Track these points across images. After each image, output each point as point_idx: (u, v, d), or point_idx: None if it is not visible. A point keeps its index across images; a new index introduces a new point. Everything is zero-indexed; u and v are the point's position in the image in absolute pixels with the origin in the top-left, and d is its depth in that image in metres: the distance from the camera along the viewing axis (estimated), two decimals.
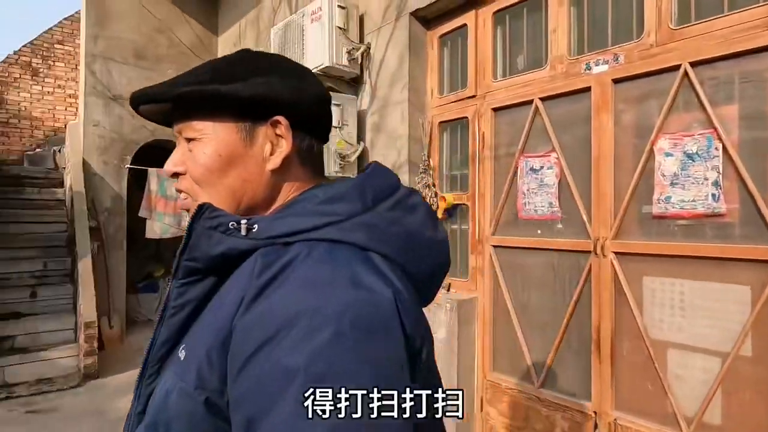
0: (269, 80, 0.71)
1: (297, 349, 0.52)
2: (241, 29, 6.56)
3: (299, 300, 0.55)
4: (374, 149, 4.07)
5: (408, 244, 0.67)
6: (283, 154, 0.71)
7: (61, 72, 7.77)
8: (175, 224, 6.25)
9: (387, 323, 0.56)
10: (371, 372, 0.52)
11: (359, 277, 0.58)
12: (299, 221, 0.64)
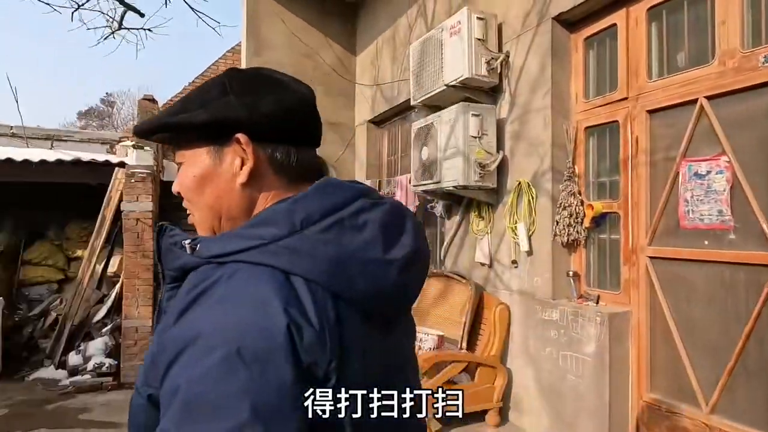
0: (227, 101, 0.73)
1: (187, 369, 0.57)
2: (377, 47, 6.93)
3: (204, 321, 0.59)
4: (514, 158, 4.04)
5: (338, 266, 0.65)
6: (248, 168, 0.73)
7: None
8: None
9: (273, 354, 0.57)
10: (249, 402, 0.54)
11: (262, 303, 0.59)
12: (228, 243, 0.67)
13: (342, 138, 7.62)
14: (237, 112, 0.73)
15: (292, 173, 0.77)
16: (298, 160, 0.78)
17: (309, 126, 0.82)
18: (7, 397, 4.77)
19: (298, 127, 0.79)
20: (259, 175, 0.75)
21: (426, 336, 3.99)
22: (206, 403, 0.55)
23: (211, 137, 0.75)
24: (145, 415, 0.72)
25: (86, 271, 5.62)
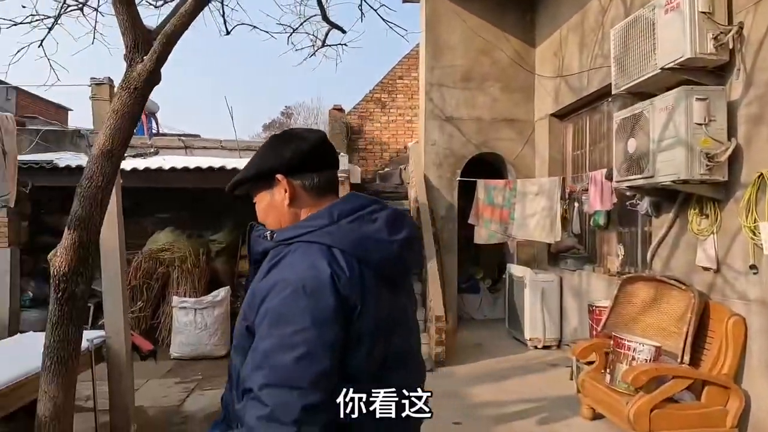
0: (267, 155, 1.20)
1: (272, 300, 1.00)
2: (561, 37, 6.56)
3: (280, 274, 1.03)
4: (751, 146, 3.48)
5: (360, 242, 1.07)
6: (287, 195, 1.17)
7: (402, 102, 9.32)
8: (501, 231, 6.66)
9: (323, 289, 0.99)
10: (309, 316, 0.97)
11: (315, 262, 1.02)
12: (293, 231, 1.12)
13: (520, 134, 7.40)
14: (271, 162, 1.19)
15: (319, 190, 1.20)
16: (320, 181, 1.20)
17: (322, 159, 1.22)
18: None
19: (313, 161, 1.19)
20: (296, 196, 1.19)
21: (640, 346, 3.64)
22: (283, 316, 0.98)
23: (264, 182, 1.20)
24: (243, 339, 1.09)
25: None
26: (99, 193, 2.64)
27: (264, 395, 0.95)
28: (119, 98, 2.75)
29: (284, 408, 0.93)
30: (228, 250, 7.71)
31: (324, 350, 0.97)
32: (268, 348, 0.98)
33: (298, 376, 0.95)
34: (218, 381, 5.27)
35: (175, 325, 6.16)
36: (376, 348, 1.06)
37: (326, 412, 0.97)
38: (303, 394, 0.94)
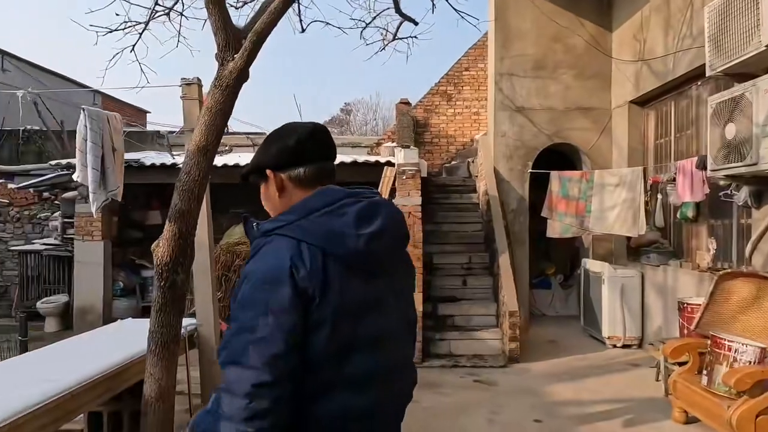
0: (261, 152, 1.31)
1: (244, 287, 1.13)
2: (642, 18, 6.19)
3: (253, 265, 1.15)
4: None
5: (327, 236, 1.15)
6: (277, 188, 1.27)
7: (468, 94, 9.17)
8: (576, 224, 6.40)
9: (281, 281, 1.09)
10: (267, 303, 1.09)
11: (279, 255, 1.12)
12: (271, 225, 1.19)
13: (596, 123, 7.08)
14: (260, 159, 1.31)
15: (307, 182, 1.27)
16: (308, 173, 1.27)
17: (308, 152, 1.28)
18: None
19: (298, 155, 1.27)
20: (285, 188, 1.28)
21: (743, 347, 3.38)
22: (247, 304, 1.12)
23: (260, 176, 1.32)
24: None
25: None
26: (196, 187, 2.77)
27: (226, 371, 1.11)
28: (212, 96, 2.87)
29: (238, 383, 1.08)
30: None
31: (279, 335, 1.08)
32: (233, 330, 1.13)
33: (253, 356, 1.08)
34: None
35: None
36: (337, 332, 1.13)
37: (278, 389, 1.08)
38: (255, 373, 1.07)
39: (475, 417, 4.19)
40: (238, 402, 1.08)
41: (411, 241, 5.85)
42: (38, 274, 8.14)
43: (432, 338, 5.82)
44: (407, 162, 5.84)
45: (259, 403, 1.07)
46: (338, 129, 32.61)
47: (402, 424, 1.34)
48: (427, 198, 7.07)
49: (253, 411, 1.07)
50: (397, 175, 5.86)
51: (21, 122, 11.73)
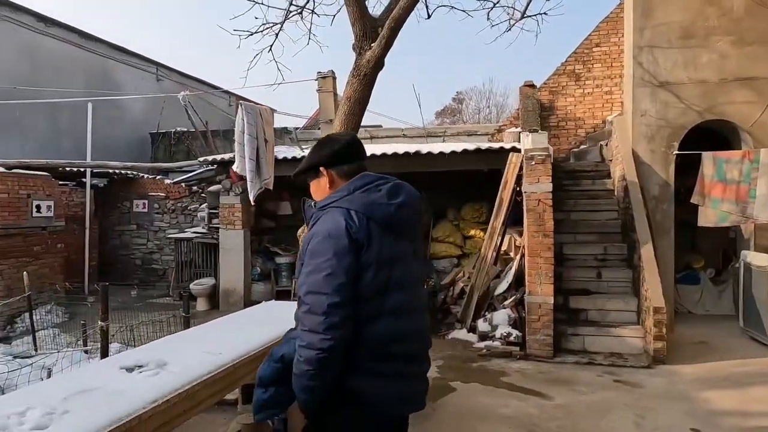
0: (313, 154, 1.84)
1: (312, 243, 1.60)
2: None
3: (317, 228, 1.62)
4: None
5: (368, 205, 1.64)
6: (328, 181, 1.78)
7: (599, 72, 8.47)
8: (737, 211, 5.63)
9: (341, 235, 1.56)
10: (333, 250, 1.55)
11: (336, 219, 1.60)
12: (326, 201, 1.71)
13: (760, 95, 6.15)
14: (314, 160, 1.81)
15: (349, 175, 1.76)
16: (348, 170, 1.77)
17: (350, 155, 1.79)
18: (437, 350, 5.73)
19: (343, 157, 1.78)
20: (334, 181, 1.77)
21: None
22: (317, 252, 1.56)
23: (313, 172, 1.81)
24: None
25: (488, 248, 6.23)
26: None
27: (306, 298, 1.58)
28: (350, 85, 2.94)
29: (317, 305, 1.54)
30: None
31: (342, 271, 1.55)
32: (308, 271, 1.59)
33: (326, 286, 1.54)
34: None
35: None
36: (378, 274, 1.60)
37: (345, 309, 1.54)
38: (329, 297, 1.53)
39: (620, 420, 3.87)
40: (318, 318, 1.53)
41: (542, 230, 5.61)
42: (190, 259, 9.14)
43: (564, 332, 5.50)
44: (536, 147, 5.56)
45: (333, 319, 1.52)
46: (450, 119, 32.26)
47: (536, 420, 1.69)
48: (555, 185, 6.66)
49: (329, 323, 1.52)
50: (524, 161, 5.60)
51: (173, 125, 13.25)
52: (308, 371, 1.54)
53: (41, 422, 1.80)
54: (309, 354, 1.53)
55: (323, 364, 1.53)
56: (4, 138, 11.17)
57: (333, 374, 1.56)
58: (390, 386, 1.63)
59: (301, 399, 1.60)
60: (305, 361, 1.54)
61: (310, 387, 1.56)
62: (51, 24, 12.48)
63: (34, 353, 4.91)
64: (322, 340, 1.51)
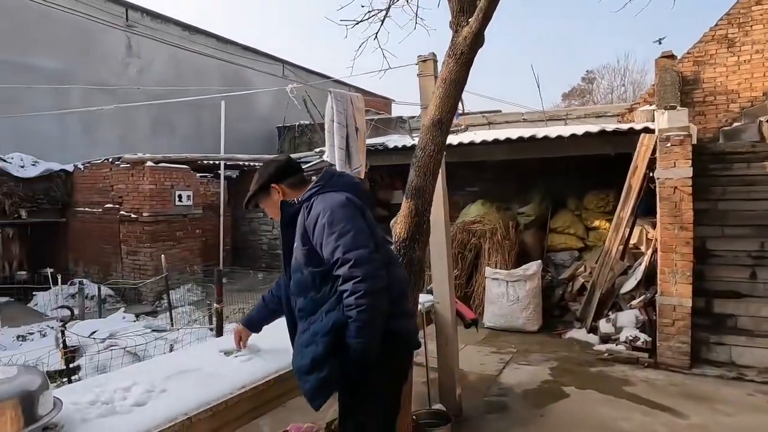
0: (259, 178, 2.16)
1: (322, 219, 1.90)
2: None
3: (318, 209, 1.94)
4: None
5: (347, 186, 2.05)
6: (281, 195, 2.13)
7: (759, 35, 7.15)
8: None
9: (347, 203, 1.94)
10: (345, 214, 1.90)
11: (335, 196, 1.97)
12: (308, 193, 2.04)
13: None
14: (263, 180, 2.15)
15: (296, 185, 2.15)
16: (294, 180, 2.16)
17: (292, 169, 2.19)
18: (551, 350, 5.32)
19: (287, 171, 2.17)
20: (285, 193, 2.13)
21: None
22: (334, 222, 1.89)
23: (264, 192, 2.16)
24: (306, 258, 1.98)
25: (613, 241, 5.61)
26: (431, 163, 2.70)
27: (348, 256, 1.82)
28: (446, 66, 2.74)
29: (361, 257, 1.82)
30: (536, 223, 7.46)
31: (362, 228, 1.89)
32: (335, 237, 1.85)
33: (358, 241, 1.84)
34: (533, 357, 5.12)
35: (488, 295, 6.29)
36: (377, 233, 1.99)
37: (379, 253, 1.91)
38: (367, 248, 1.84)
39: None
40: (367, 266, 1.81)
41: (678, 222, 4.88)
42: None
43: (705, 340, 4.77)
44: (672, 126, 4.84)
45: (377, 262, 1.86)
46: (579, 100, 29.98)
47: None
48: (698, 169, 5.77)
49: (378, 264, 1.85)
50: (658, 143, 4.91)
51: (297, 118, 14.01)
52: (373, 315, 1.81)
53: (141, 399, 1.91)
54: (371, 299, 1.79)
55: (383, 302, 1.84)
56: (156, 135, 12.67)
57: (385, 312, 1.86)
58: (412, 323, 2.13)
59: (371, 345, 1.83)
60: (369, 306, 1.79)
61: (376, 329, 1.83)
62: (194, 32, 13.86)
63: (170, 328, 5.48)
64: (378, 280, 1.81)
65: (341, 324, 1.84)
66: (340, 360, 1.87)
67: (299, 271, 2.00)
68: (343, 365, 1.87)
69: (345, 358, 1.86)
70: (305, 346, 1.94)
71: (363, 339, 1.81)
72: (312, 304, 1.95)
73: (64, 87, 9.58)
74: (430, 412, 3.41)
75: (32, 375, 1.62)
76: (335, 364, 1.87)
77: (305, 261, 1.97)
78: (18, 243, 9.36)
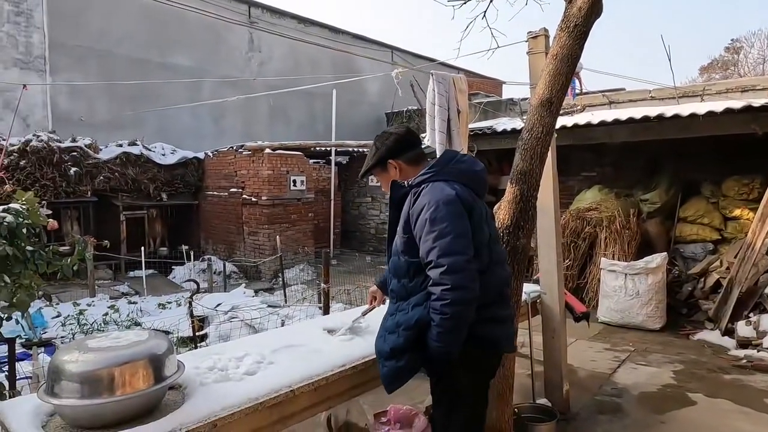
0: (376, 151, 2.10)
1: (426, 213, 1.85)
2: None
3: (425, 199, 1.88)
4: None
5: (463, 174, 1.97)
6: (398, 171, 2.08)
7: None
8: None
9: (454, 201, 1.85)
10: (450, 214, 1.83)
11: (444, 189, 1.88)
12: (420, 178, 1.98)
13: None
14: (381, 154, 2.08)
15: (414, 161, 2.08)
16: (413, 155, 2.08)
17: (410, 143, 2.10)
18: (676, 351, 4.82)
19: (406, 145, 2.09)
20: (402, 169, 2.07)
21: None
22: (436, 218, 1.83)
23: (380, 167, 2.11)
24: (405, 246, 1.97)
25: (758, 234, 4.92)
26: (538, 145, 2.54)
27: (442, 261, 1.78)
28: (558, 40, 2.55)
29: (455, 264, 1.77)
30: (662, 211, 6.76)
31: (463, 232, 1.83)
32: (434, 236, 1.81)
33: (457, 246, 1.80)
34: (653, 357, 4.69)
35: (603, 288, 5.86)
36: (484, 230, 1.93)
37: (474, 262, 1.82)
38: (463, 256, 1.79)
39: None
40: (459, 275, 1.76)
41: None
42: None
43: None
44: None
45: (471, 272, 1.79)
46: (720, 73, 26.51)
47: None
48: None
49: (471, 277, 1.79)
50: None
51: (406, 104, 14.09)
52: (457, 324, 1.79)
53: (251, 369, 2.06)
54: (457, 309, 1.77)
55: (469, 313, 1.81)
56: (274, 124, 13.52)
57: (470, 321, 1.84)
58: (504, 329, 2.02)
59: (450, 351, 1.84)
60: (454, 315, 1.78)
61: (458, 337, 1.82)
62: (309, 24, 14.48)
63: (282, 304, 5.86)
64: (467, 292, 1.77)
65: (424, 322, 1.86)
66: (421, 355, 1.91)
67: (397, 256, 2.03)
68: (426, 359, 1.92)
69: (428, 353, 1.89)
70: (388, 332, 1.99)
71: (443, 345, 1.83)
72: (403, 290, 1.99)
73: (196, 82, 10.59)
74: (534, 406, 3.27)
75: (160, 340, 1.80)
76: (413, 357, 1.91)
77: (403, 248, 1.99)
78: (160, 222, 10.59)
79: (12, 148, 8.17)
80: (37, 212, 2.51)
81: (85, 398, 1.57)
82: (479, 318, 1.86)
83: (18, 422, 1.62)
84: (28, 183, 8.13)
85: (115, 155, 9.45)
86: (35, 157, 8.44)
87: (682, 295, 5.93)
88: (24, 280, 2.45)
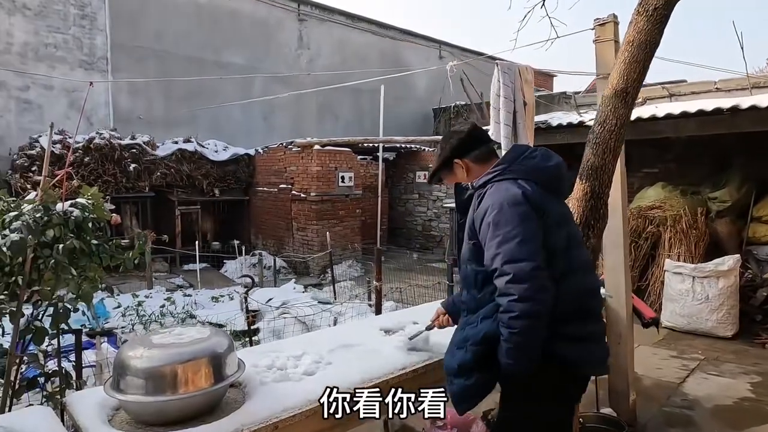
0: (441, 152, 1.95)
1: (490, 215, 1.69)
2: None
3: (489, 201, 1.72)
4: None
5: (531, 171, 1.76)
6: (465, 170, 1.91)
7: None
8: None
9: (520, 202, 1.65)
10: (515, 216, 1.64)
11: (509, 188, 1.70)
12: (485, 177, 1.81)
13: None
14: (445, 154, 1.93)
15: (482, 159, 1.90)
16: (480, 154, 1.91)
17: (476, 141, 1.92)
18: (752, 362, 4.47)
19: (472, 144, 1.91)
20: (470, 168, 1.90)
21: None
22: (501, 221, 1.65)
23: (447, 169, 1.95)
24: (471, 253, 1.82)
25: None
26: (612, 139, 2.37)
27: (506, 268, 1.62)
28: (634, 25, 2.37)
29: (521, 273, 1.59)
30: (733, 210, 6.30)
31: (531, 236, 1.64)
32: (498, 241, 1.65)
33: (523, 252, 1.62)
34: (726, 367, 4.36)
35: (668, 291, 5.52)
36: (560, 232, 1.73)
37: (545, 270, 1.62)
38: (530, 263, 1.60)
39: None
40: (525, 285, 1.58)
41: None
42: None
43: None
44: None
45: (539, 281, 1.59)
46: None
47: None
48: None
49: (539, 286, 1.59)
50: None
51: (454, 99, 13.87)
52: (527, 340, 1.60)
53: (309, 369, 2.02)
54: (525, 322, 1.58)
55: (540, 327, 1.60)
56: (322, 120, 13.61)
57: (543, 336, 1.63)
58: (592, 349, 1.76)
59: (520, 367, 1.64)
60: (523, 330, 1.59)
61: (530, 354, 1.63)
62: (357, 20, 14.49)
63: (333, 301, 5.86)
64: (536, 303, 1.57)
65: (493, 337, 1.68)
66: (493, 374, 1.72)
67: (465, 264, 1.87)
68: (500, 378, 1.75)
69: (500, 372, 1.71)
70: (457, 347, 1.82)
71: (513, 362, 1.64)
72: (474, 302, 1.82)
73: (247, 80, 10.78)
74: (599, 416, 3.09)
75: (221, 337, 1.78)
76: (483, 376, 1.73)
77: (469, 255, 1.83)
78: (212, 217, 10.88)
79: (77, 146, 8.59)
80: (101, 207, 2.55)
81: (149, 395, 1.56)
82: (554, 334, 1.64)
83: (85, 415, 1.64)
84: (92, 179, 8.52)
85: (171, 152, 9.77)
86: (98, 154, 8.84)
87: (756, 300, 5.50)
88: (89, 273, 2.51)
